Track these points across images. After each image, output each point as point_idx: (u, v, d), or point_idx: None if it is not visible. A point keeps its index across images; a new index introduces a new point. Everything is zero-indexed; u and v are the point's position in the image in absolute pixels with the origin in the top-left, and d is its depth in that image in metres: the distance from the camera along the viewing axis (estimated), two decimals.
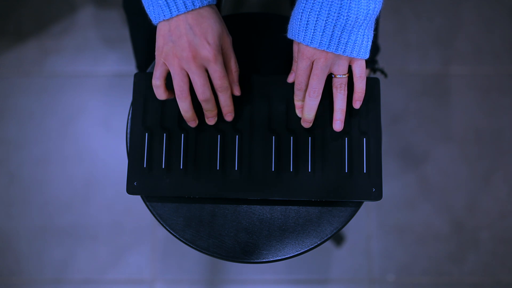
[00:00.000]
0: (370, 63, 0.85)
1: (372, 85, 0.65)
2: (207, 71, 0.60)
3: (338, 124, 0.63)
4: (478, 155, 1.27)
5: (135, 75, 0.67)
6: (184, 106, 0.61)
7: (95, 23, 1.35)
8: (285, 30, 0.64)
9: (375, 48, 0.87)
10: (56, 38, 1.35)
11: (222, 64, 0.59)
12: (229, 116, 0.64)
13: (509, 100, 1.30)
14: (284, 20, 0.72)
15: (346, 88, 0.62)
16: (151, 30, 0.78)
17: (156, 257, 1.24)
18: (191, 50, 0.58)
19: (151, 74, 0.67)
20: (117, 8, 1.36)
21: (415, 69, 1.32)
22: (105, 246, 1.24)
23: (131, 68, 1.32)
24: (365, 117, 0.65)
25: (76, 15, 1.36)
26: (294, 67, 0.64)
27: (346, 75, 0.61)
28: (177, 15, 0.58)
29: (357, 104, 0.64)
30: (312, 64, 0.60)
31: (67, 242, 1.24)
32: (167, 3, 0.57)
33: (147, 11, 0.60)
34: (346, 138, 0.65)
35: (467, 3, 1.36)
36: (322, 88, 0.61)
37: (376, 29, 0.67)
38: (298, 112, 0.65)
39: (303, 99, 0.63)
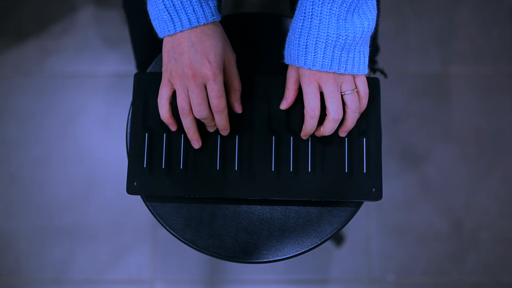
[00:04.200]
0: (370, 63, 0.85)
1: (372, 85, 0.65)
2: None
3: (344, 134, 0.64)
4: (478, 155, 1.27)
5: (135, 75, 0.67)
6: (187, 123, 0.61)
7: (95, 23, 1.35)
8: (285, 31, 0.64)
9: (375, 48, 0.87)
10: (56, 38, 1.35)
11: (222, 84, 0.58)
12: (224, 132, 0.63)
13: (509, 100, 1.30)
14: (284, 20, 0.72)
15: (359, 107, 0.61)
16: (151, 30, 0.78)
17: (156, 257, 1.24)
18: (191, 68, 0.57)
19: (151, 74, 0.67)
20: (117, 8, 1.36)
21: (415, 69, 1.32)
22: (105, 246, 1.24)
23: (131, 68, 1.32)
24: (365, 117, 0.65)
25: (76, 15, 1.36)
26: (287, 94, 0.63)
27: (356, 90, 0.60)
28: (181, 31, 0.57)
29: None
30: (319, 87, 0.59)
31: (67, 242, 1.24)
32: (171, 18, 0.57)
33: (153, 24, 0.59)
34: (346, 138, 0.65)
35: (467, 3, 1.36)
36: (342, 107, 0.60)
37: (376, 29, 0.67)
38: (304, 135, 0.64)
39: (315, 126, 0.61)
